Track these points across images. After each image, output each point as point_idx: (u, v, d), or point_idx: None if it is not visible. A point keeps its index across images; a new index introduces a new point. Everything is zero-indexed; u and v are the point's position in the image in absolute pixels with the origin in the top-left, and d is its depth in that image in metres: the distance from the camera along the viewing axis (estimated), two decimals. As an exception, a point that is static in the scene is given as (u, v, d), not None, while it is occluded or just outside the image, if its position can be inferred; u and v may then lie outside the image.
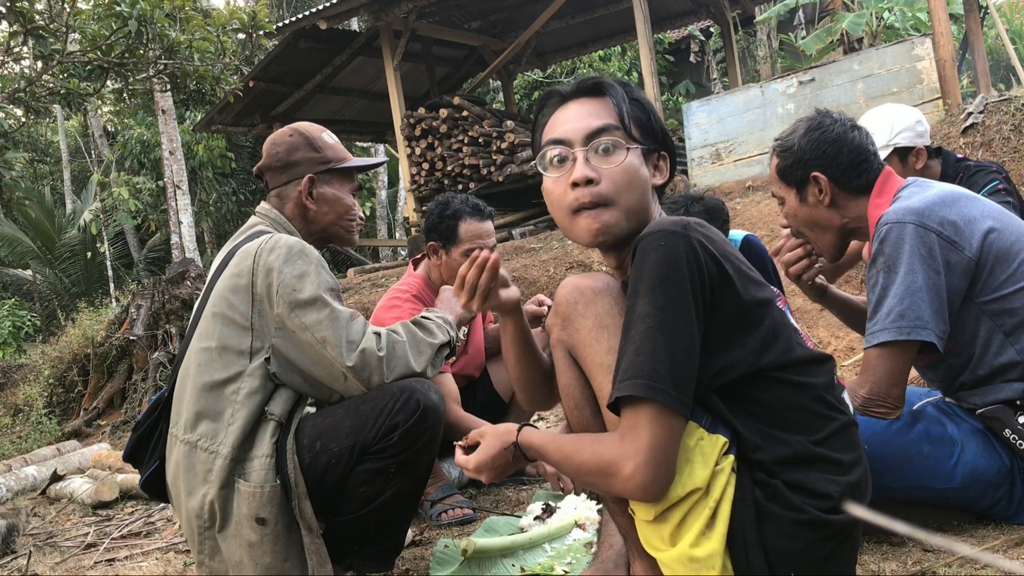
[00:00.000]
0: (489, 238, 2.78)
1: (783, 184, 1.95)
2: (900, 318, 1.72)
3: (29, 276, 15.76)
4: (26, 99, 5.44)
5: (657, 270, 1.22)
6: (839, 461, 1.25)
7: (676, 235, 1.23)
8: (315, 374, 1.80)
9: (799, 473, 1.23)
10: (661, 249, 1.23)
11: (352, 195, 2.08)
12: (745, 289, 1.26)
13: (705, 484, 1.22)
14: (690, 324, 1.20)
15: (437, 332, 1.96)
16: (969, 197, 1.83)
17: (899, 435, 1.79)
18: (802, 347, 1.29)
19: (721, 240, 1.30)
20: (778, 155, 1.94)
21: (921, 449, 1.78)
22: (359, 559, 1.88)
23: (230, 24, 5.85)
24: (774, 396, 1.25)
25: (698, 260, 1.22)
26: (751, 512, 1.22)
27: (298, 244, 1.86)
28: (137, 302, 7.04)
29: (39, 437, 6.54)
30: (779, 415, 1.25)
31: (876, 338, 1.75)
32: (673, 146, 1.46)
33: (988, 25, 11.78)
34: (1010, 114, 5.67)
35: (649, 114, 1.42)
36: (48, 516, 3.81)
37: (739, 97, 7.69)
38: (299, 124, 2.09)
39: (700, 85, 15.57)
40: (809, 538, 1.22)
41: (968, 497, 1.80)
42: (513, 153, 8.64)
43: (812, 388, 1.27)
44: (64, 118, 17.12)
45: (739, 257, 1.31)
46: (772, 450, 1.23)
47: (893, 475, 1.77)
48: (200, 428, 1.78)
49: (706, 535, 1.23)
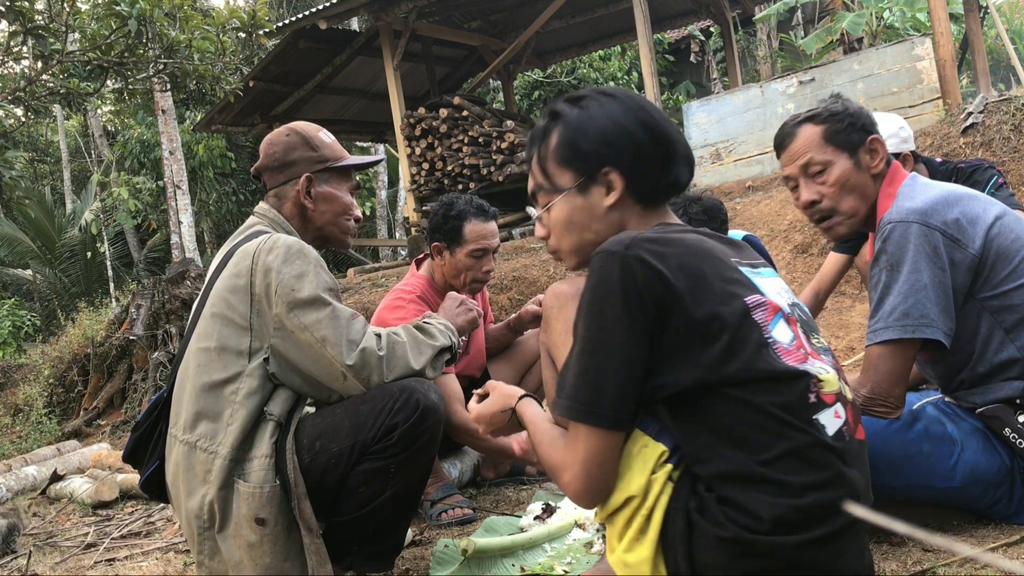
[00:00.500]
0: (494, 238, 2.78)
1: (833, 148, 1.87)
2: (904, 316, 1.71)
3: (29, 276, 15.76)
4: (26, 99, 5.44)
5: (591, 292, 1.26)
6: (785, 483, 1.19)
7: (612, 255, 1.25)
8: (314, 374, 1.80)
9: (736, 490, 1.20)
10: (597, 271, 1.26)
11: (350, 194, 2.08)
12: (699, 304, 1.22)
13: (641, 491, 1.25)
14: (623, 344, 1.23)
15: (438, 336, 1.96)
16: (972, 195, 1.82)
17: (899, 434, 1.78)
18: (769, 362, 1.22)
19: (683, 252, 1.26)
20: (823, 121, 1.88)
21: (921, 448, 1.78)
22: (359, 559, 1.88)
23: (230, 23, 5.85)
24: (725, 411, 1.21)
25: (634, 279, 1.22)
26: (683, 522, 1.23)
27: (297, 244, 1.86)
28: (137, 302, 7.04)
29: (39, 437, 6.54)
30: (727, 431, 1.21)
31: (879, 336, 1.74)
32: (607, 152, 1.37)
33: (988, 25, 11.78)
34: (1010, 114, 5.67)
35: (564, 145, 1.41)
36: (48, 516, 3.81)
37: (739, 97, 7.69)
38: (296, 124, 2.08)
39: (700, 85, 15.57)
40: (731, 554, 1.19)
41: (968, 496, 1.79)
42: (513, 153, 8.64)
43: (768, 407, 1.20)
44: (64, 118, 17.11)
45: (705, 267, 1.26)
46: (713, 464, 1.22)
47: (893, 474, 1.77)
48: (199, 428, 1.78)
49: (639, 540, 1.26)
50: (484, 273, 2.79)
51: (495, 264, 2.87)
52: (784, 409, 1.21)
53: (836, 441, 1.23)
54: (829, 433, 1.23)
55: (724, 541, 1.19)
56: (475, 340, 3.00)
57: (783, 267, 5.34)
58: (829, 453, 1.22)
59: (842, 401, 1.28)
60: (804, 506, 1.19)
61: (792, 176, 1.94)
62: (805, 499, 1.19)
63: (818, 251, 5.36)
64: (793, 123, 1.94)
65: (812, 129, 1.90)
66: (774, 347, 1.23)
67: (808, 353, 1.28)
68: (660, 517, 1.24)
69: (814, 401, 1.24)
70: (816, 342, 1.34)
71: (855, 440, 1.29)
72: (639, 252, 1.23)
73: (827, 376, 1.26)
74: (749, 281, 1.29)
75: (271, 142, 2.04)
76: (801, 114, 1.93)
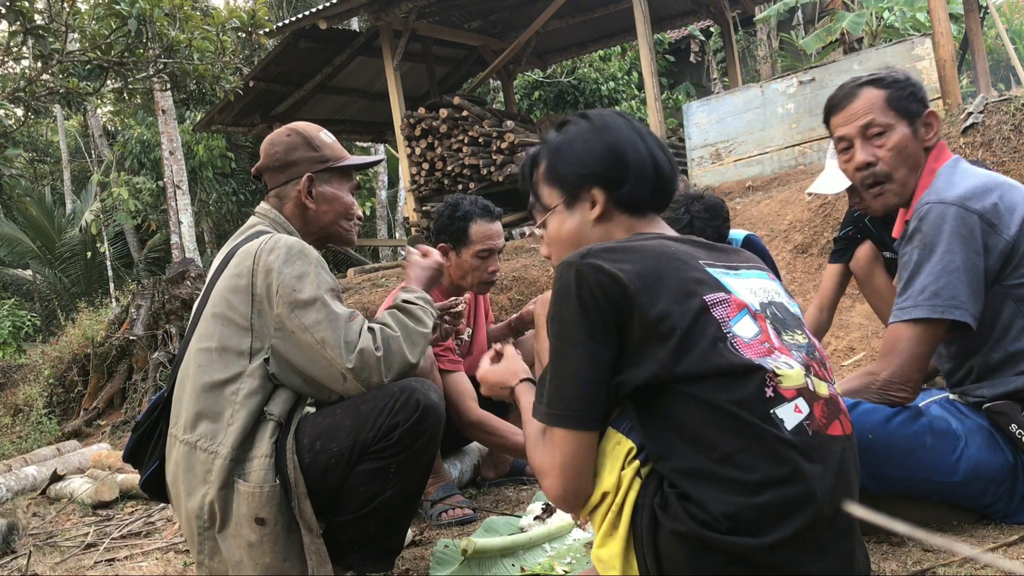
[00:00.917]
0: (499, 239, 2.80)
1: (895, 114, 1.86)
2: (935, 296, 1.70)
3: (29, 276, 15.76)
4: (26, 98, 5.44)
5: (553, 301, 1.34)
6: (738, 480, 1.21)
7: (570, 265, 1.33)
8: (314, 374, 1.80)
9: (692, 486, 1.23)
10: (557, 282, 1.34)
11: (351, 194, 2.08)
12: (653, 304, 1.27)
13: (614, 488, 1.30)
14: (584, 347, 1.29)
15: (424, 318, 1.95)
16: (1010, 183, 1.82)
17: (903, 426, 1.78)
18: (724, 356, 1.24)
19: (640, 257, 1.32)
20: (887, 86, 1.87)
21: (924, 441, 1.77)
22: (359, 559, 1.88)
23: (230, 23, 5.85)
24: (681, 408, 1.25)
25: (588, 285, 1.29)
26: (648, 517, 1.27)
27: (298, 244, 1.86)
28: (137, 302, 7.04)
29: (39, 437, 6.54)
30: (684, 427, 1.25)
31: (907, 314, 1.72)
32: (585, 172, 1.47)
33: (988, 25, 11.78)
34: (1010, 114, 5.67)
35: (549, 169, 1.52)
36: (48, 516, 3.81)
37: (739, 97, 7.69)
38: (296, 124, 2.08)
39: (700, 85, 15.58)
40: (690, 550, 1.23)
41: (969, 493, 1.79)
42: (513, 153, 8.64)
43: (722, 402, 1.23)
44: (64, 118, 17.11)
45: (663, 270, 1.30)
46: (673, 461, 1.26)
47: (894, 466, 1.76)
48: (200, 428, 1.78)
49: (611, 536, 1.31)
50: (490, 273, 2.80)
51: (500, 264, 2.88)
52: (738, 404, 1.23)
53: (795, 435, 1.24)
54: (787, 427, 1.24)
55: (682, 536, 1.23)
56: (478, 340, 3.01)
57: (783, 267, 5.33)
58: (786, 448, 1.23)
59: (806, 396, 1.29)
60: (761, 504, 1.20)
61: (847, 137, 1.91)
62: (761, 497, 1.21)
63: (818, 251, 5.36)
64: (854, 84, 1.91)
65: (875, 92, 1.88)
66: (733, 341, 1.27)
67: (774, 348, 1.30)
68: (629, 513, 1.28)
69: (771, 395, 1.25)
70: (789, 338, 1.35)
71: (822, 435, 1.28)
72: (593, 260, 1.31)
73: (788, 372, 1.28)
74: (715, 281, 1.33)
75: (272, 142, 2.04)
76: (862, 77, 1.92)
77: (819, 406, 1.30)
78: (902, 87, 1.87)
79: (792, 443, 1.23)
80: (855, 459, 1.35)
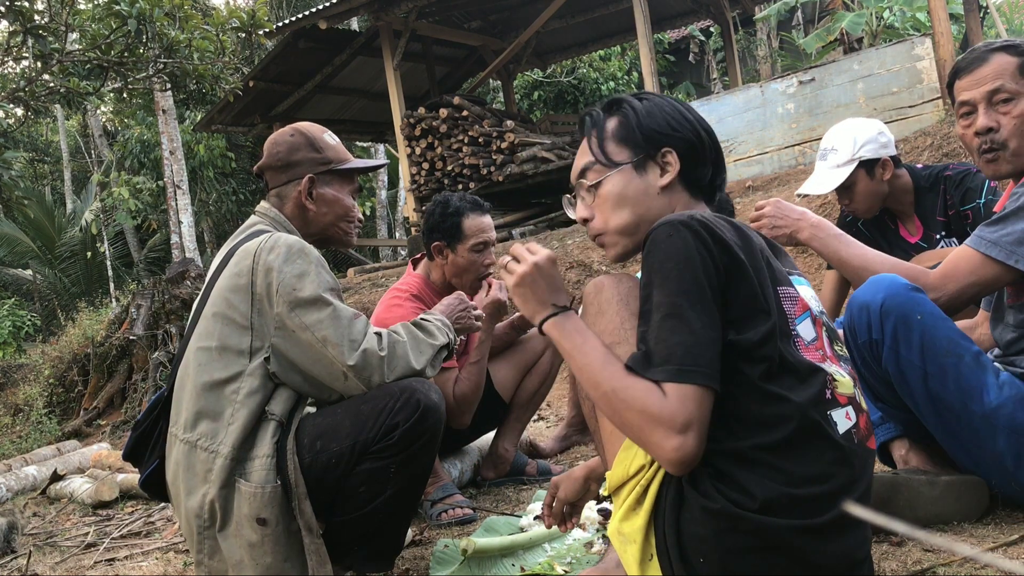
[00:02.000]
0: (491, 231, 2.83)
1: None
2: (1020, 243, 1.67)
3: (29, 276, 15.76)
4: (26, 98, 5.44)
5: (664, 259, 1.27)
6: (787, 471, 1.22)
7: (681, 224, 1.27)
8: (315, 373, 1.80)
9: (734, 467, 1.23)
10: (666, 240, 1.27)
11: (352, 196, 2.08)
12: (756, 277, 1.27)
13: (649, 460, 1.28)
14: (705, 305, 1.24)
15: (437, 334, 1.96)
16: None
17: (953, 330, 1.71)
18: (791, 352, 1.27)
19: (737, 233, 1.31)
20: (1020, 54, 1.84)
21: (964, 356, 1.71)
22: (359, 559, 1.88)
23: (229, 23, 5.85)
24: (748, 393, 1.25)
25: (705, 244, 1.25)
26: (673, 494, 1.26)
27: (298, 243, 1.86)
28: (137, 302, 7.04)
29: (39, 437, 6.54)
30: (749, 412, 1.25)
31: (985, 248, 1.69)
32: (670, 133, 1.45)
33: (988, 25, 11.78)
34: (1010, 114, 5.66)
35: (627, 125, 1.46)
36: (48, 516, 3.81)
37: (739, 97, 7.70)
38: (301, 124, 2.08)
39: (700, 85, 15.58)
40: (716, 527, 1.22)
41: (985, 431, 1.71)
42: (513, 153, 8.64)
43: (790, 395, 1.24)
44: (64, 118, 17.11)
45: (754, 249, 1.31)
46: (727, 442, 1.24)
47: (930, 360, 1.70)
48: (200, 428, 1.78)
49: (635, 511, 1.30)
50: (485, 267, 2.82)
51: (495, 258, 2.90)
52: (804, 399, 1.25)
53: (844, 440, 1.27)
54: (839, 431, 1.27)
55: (711, 513, 1.22)
56: (473, 338, 3.01)
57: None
58: (837, 450, 1.26)
59: (854, 406, 1.32)
60: (801, 497, 1.22)
61: (970, 101, 1.88)
62: (802, 490, 1.22)
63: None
64: (985, 48, 1.88)
65: (1008, 58, 1.85)
66: (795, 340, 1.29)
67: (827, 355, 1.33)
68: (656, 489, 1.28)
69: (829, 398, 1.28)
70: (839, 349, 1.38)
71: (863, 446, 1.32)
72: (705, 222, 1.27)
73: (842, 379, 1.31)
74: (785, 275, 1.35)
75: (275, 141, 2.04)
76: (994, 42, 1.89)
77: (863, 418, 1.34)
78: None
79: (840, 446, 1.26)
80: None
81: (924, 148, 6.00)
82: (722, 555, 1.23)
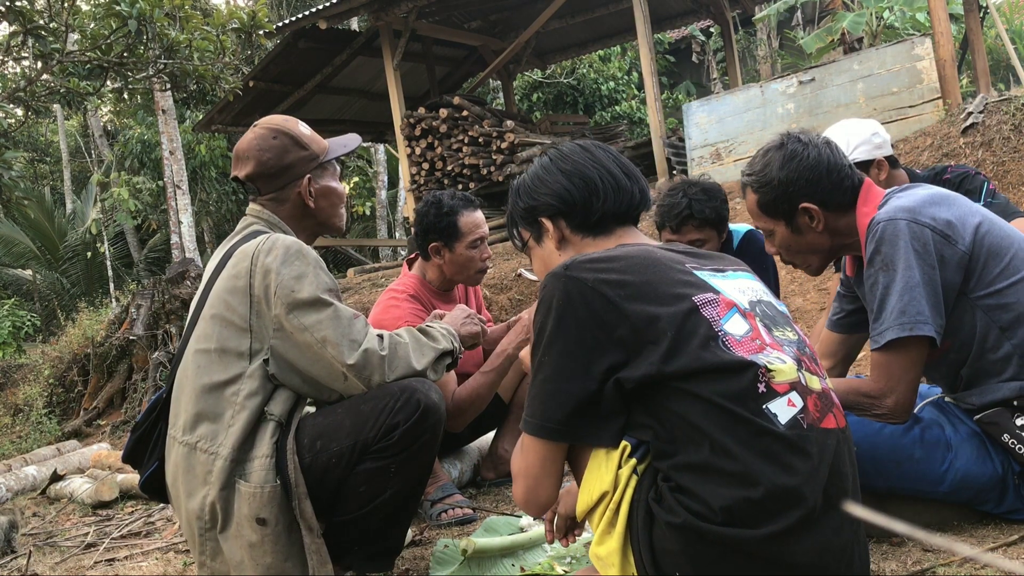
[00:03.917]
0: (485, 226, 2.86)
1: (769, 218, 1.90)
2: (902, 314, 1.69)
3: (29, 276, 15.76)
4: (26, 98, 5.44)
5: (539, 314, 1.38)
6: (734, 473, 1.24)
7: (553, 277, 1.38)
8: (314, 374, 1.80)
9: (692, 481, 1.25)
10: (540, 293, 1.39)
11: (337, 179, 2.10)
12: (641, 310, 1.30)
13: (611, 487, 1.32)
14: (562, 359, 1.33)
15: (440, 339, 1.96)
16: (956, 196, 1.82)
17: (892, 439, 1.78)
18: (716, 353, 1.28)
19: (624, 266, 1.35)
20: (756, 190, 1.88)
21: (912, 454, 1.77)
22: (359, 559, 1.88)
23: (230, 24, 5.85)
24: (681, 405, 1.27)
25: (569, 298, 1.34)
26: (643, 513, 1.29)
27: (296, 245, 1.85)
28: (137, 302, 7.04)
29: (39, 437, 6.54)
30: (686, 423, 1.27)
31: (884, 337, 1.72)
32: (535, 204, 1.57)
33: (988, 25, 11.78)
34: (1010, 114, 5.67)
35: (514, 209, 1.63)
36: (48, 516, 3.81)
37: (739, 97, 7.69)
38: (273, 122, 2.02)
39: (700, 85, 15.58)
40: (684, 541, 1.24)
41: (955, 500, 1.81)
42: (513, 153, 8.64)
43: (716, 398, 1.26)
44: (64, 118, 17.11)
45: (649, 275, 1.35)
46: (674, 457, 1.28)
47: (880, 476, 1.77)
48: (199, 430, 1.78)
49: (609, 533, 1.33)
50: (483, 261, 2.85)
51: (491, 254, 2.93)
52: (732, 400, 1.26)
53: (789, 430, 1.27)
54: (781, 422, 1.27)
55: (676, 528, 1.25)
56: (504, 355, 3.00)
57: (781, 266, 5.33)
58: (778, 442, 1.26)
59: (799, 390, 1.31)
60: (756, 499, 1.23)
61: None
62: (755, 491, 1.23)
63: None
64: (745, 181, 1.94)
65: (752, 196, 1.92)
66: (724, 339, 1.30)
67: (766, 344, 1.33)
68: (626, 510, 1.30)
69: (763, 391, 1.28)
70: (780, 334, 1.39)
71: (816, 428, 1.30)
72: (575, 272, 1.36)
73: (781, 366, 1.31)
74: (703, 282, 1.37)
75: (260, 148, 1.97)
76: (754, 166, 1.93)
77: (812, 399, 1.33)
78: (768, 190, 1.87)
79: (785, 437, 1.26)
80: (850, 452, 1.37)
81: (924, 148, 6.00)
82: (696, 566, 1.25)
